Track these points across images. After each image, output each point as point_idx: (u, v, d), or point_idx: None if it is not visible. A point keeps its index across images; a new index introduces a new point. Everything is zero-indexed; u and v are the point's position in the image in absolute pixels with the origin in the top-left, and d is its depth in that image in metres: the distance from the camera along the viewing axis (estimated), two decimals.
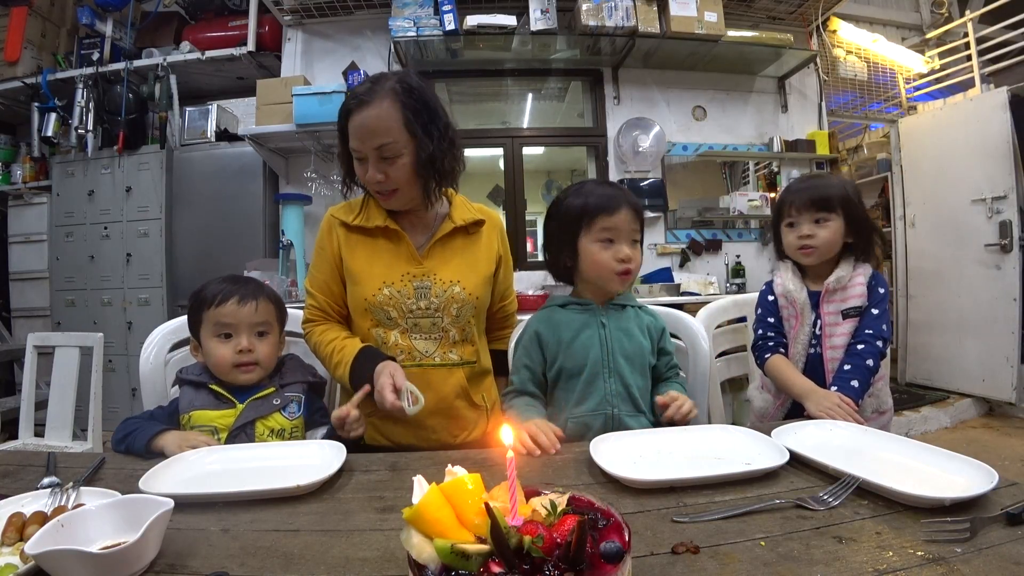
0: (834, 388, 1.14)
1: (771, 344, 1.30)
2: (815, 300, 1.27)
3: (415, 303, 1.11)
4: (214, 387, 1.05)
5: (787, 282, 1.30)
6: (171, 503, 0.58)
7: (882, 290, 1.25)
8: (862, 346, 1.19)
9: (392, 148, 1.04)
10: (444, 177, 1.11)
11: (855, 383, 1.14)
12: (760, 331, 1.34)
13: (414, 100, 1.05)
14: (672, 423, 1.02)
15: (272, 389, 1.07)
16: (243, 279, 1.13)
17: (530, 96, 4.25)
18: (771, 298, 1.34)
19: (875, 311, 1.22)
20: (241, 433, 1.02)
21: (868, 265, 1.28)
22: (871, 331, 1.20)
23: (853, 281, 1.25)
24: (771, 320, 1.33)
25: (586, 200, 1.09)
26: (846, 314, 1.23)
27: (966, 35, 3.57)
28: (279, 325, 1.15)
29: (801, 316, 1.27)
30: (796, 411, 1.25)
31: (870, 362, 1.17)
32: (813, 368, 1.25)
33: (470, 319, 1.15)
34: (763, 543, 0.57)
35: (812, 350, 1.26)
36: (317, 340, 1.14)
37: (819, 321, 1.26)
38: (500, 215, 1.30)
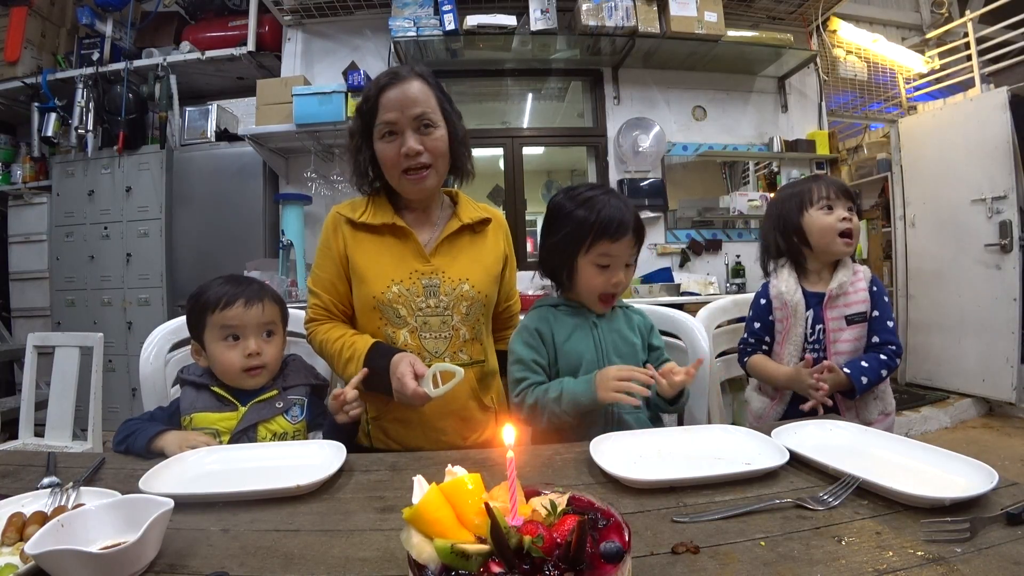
0: (845, 371, 1.16)
1: (750, 350, 1.34)
2: (812, 301, 1.26)
3: (424, 301, 1.10)
4: (216, 389, 1.04)
5: (781, 283, 1.29)
6: (171, 503, 0.58)
7: (887, 299, 1.26)
8: (885, 357, 1.20)
9: (431, 117, 1.07)
10: (467, 160, 1.17)
11: (864, 379, 1.16)
12: (744, 335, 1.36)
13: (439, 85, 1.12)
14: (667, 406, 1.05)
15: (275, 392, 1.06)
16: (245, 279, 1.11)
17: (530, 96, 4.25)
18: (763, 301, 1.34)
19: (890, 323, 1.24)
20: (243, 437, 1.01)
21: (865, 267, 1.29)
22: (893, 346, 1.22)
23: (856, 286, 1.25)
24: (756, 325, 1.34)
25: (596, 217, 1.04)
26: (850, 320, 1.23)
27: (966, 35, 3.57)
28: (283, 325, 1.14)
29: (794, 317, 1.27)
30: (792, 412, 1.27)
31: (884, 372, 1.20)
32: None
33: (479, 317, 1.14)
34: (763, 543, 0.57)
35: (815, 355, 1.25)
36: (323, 338, 1.12)
37: (822, 327, 1.25)
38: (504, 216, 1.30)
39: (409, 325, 1.10)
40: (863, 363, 1.19)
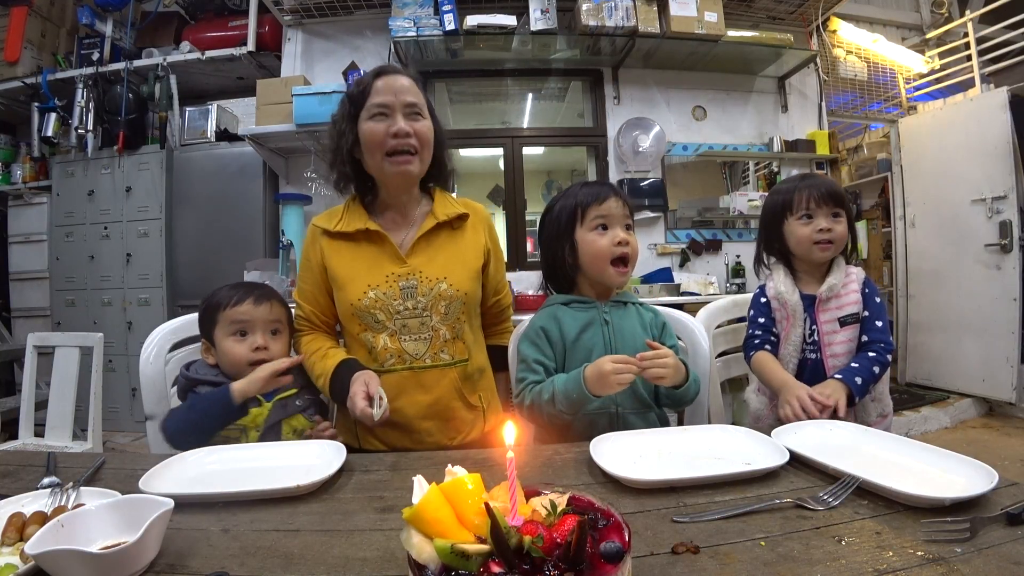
0: (837, 376, 1.14)
1: (757, 342, 1.31)
2: (808, 303, 1.26)
3: (402, 304, 1.09)
4: None
5: (779, 284, 1.29)
6: (171, 503, 0.58)
7: (878, 299, 1.25)
8: (873, 354, 1.19)
9: (420, 108, 1.10)
10: (447, 163, 1.20)
11: (859, 380, 1.14)
12: (750, 330, 1.34)
13: (426, 91, 1.15)
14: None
15: (295, 390, 1.09)
16: (255, 284, 1.17)
17: (530, 96, 4.24)
18: (763, 300, 1.33)
19: (879, 323, 1.23)
20: (271, 433, 1.04)
21: (858, 268, 1.28)
22: (883, 344, 1.20)
23: (847, 288, 1.24)
24: (761, 320, 1.32)
25: (576, 197, 1.15)
26: (843, 321, 1.23)
27: (966, 35, 3.58)
28: (289, 327, 1.17)
29: (793, 318, 1.26)
30: None
31: (876, 369, 1.18)
32: (814, 373, 1.24)
33: (460, 316, 1.13)
34: (763, 543, 0.57)
35: (812, 356, 1.25)
36: (303, 350, 1.16)
37: (816, 328, 1.25)
38: (487, 209, 1.32)
39: (388, 329, 1.10)
40: (853, 364, 1.18)
